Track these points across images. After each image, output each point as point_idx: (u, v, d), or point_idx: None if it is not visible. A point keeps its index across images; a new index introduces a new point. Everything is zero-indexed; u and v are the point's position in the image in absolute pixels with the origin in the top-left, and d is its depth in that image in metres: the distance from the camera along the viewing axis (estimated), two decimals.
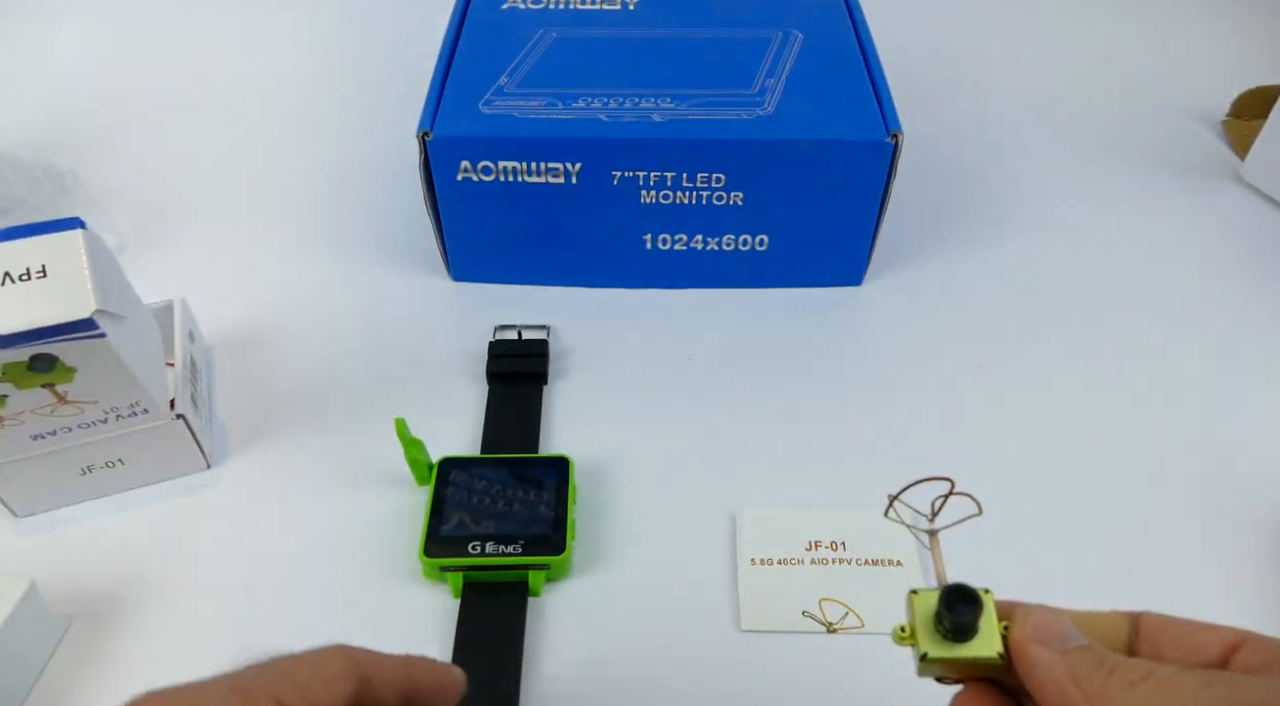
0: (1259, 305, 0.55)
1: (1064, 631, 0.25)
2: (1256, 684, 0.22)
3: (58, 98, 0.71)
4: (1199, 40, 0.77)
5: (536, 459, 0.44)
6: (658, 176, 0.50)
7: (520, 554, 0.40)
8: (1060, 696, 0.24)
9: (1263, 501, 0.45)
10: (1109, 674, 0.23)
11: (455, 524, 0.40)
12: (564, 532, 0.40)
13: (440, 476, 0.43)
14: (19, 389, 0.39)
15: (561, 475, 0.43)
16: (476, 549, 0.40)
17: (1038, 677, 0.25)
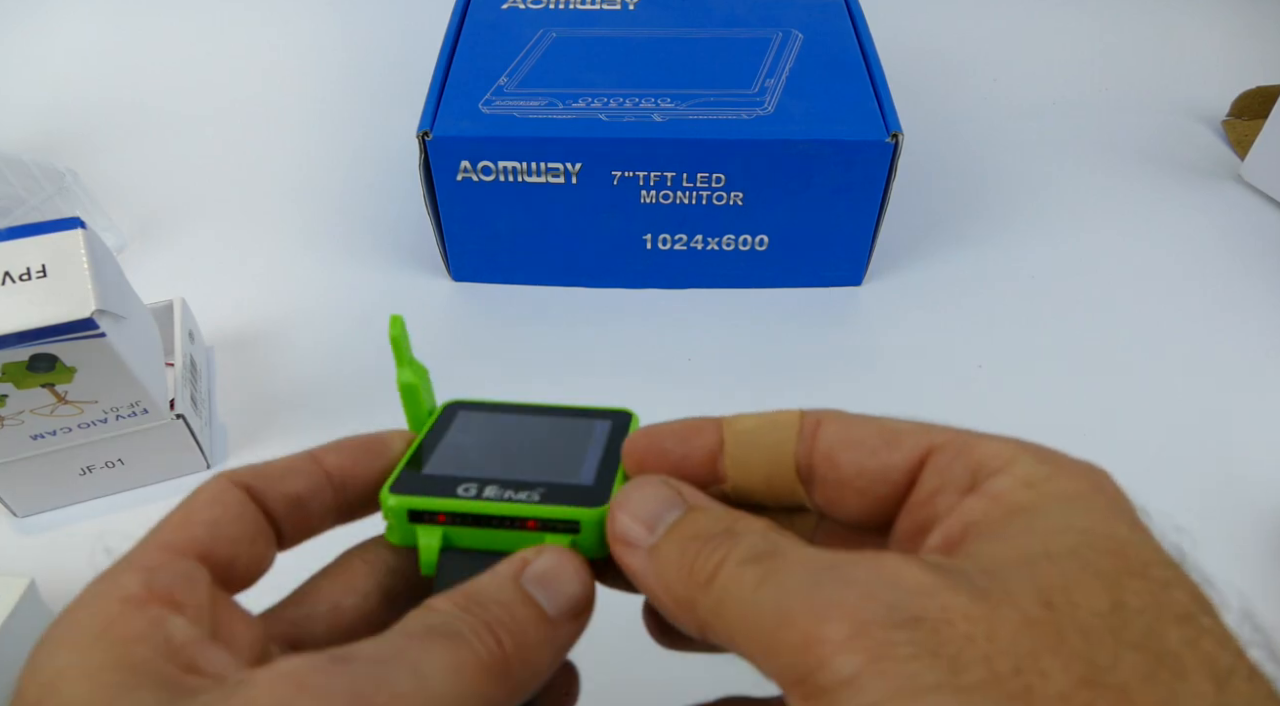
0: (1259, 304, 0.55)
1: (656, 510, 0.21)
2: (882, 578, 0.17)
3: (58, 98, 0.71)
4: (1199, 40, 0.77)
5: (586, 410, 0.28)
6: (658, 176, 0.50)
7: (538, 502, 0.23)
8: (664, 609, 0.20)
9: (1262, 501, 0.45)
10: (699, 579, 0.19)
11: (445, 463, 0.25)
12: (609, 484, 0.24)
13: (441, 419, 0.28)
14: (19, 388, 0.39)
15: (619, 430, 0.27)
16: (469, 490, 0.24)
17: (639, 586, 0.21)
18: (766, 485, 0.23)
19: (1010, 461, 0.19)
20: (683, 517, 0.21)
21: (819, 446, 0.22)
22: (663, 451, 0.23)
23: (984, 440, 0.20)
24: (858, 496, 0.21)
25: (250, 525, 0.22)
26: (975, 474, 0.20)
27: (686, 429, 0.23)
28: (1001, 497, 0.19)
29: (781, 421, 0.23)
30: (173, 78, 0.73)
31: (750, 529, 0.20)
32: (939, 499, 0.20)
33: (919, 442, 0.21)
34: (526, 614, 0.20)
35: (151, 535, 0.21)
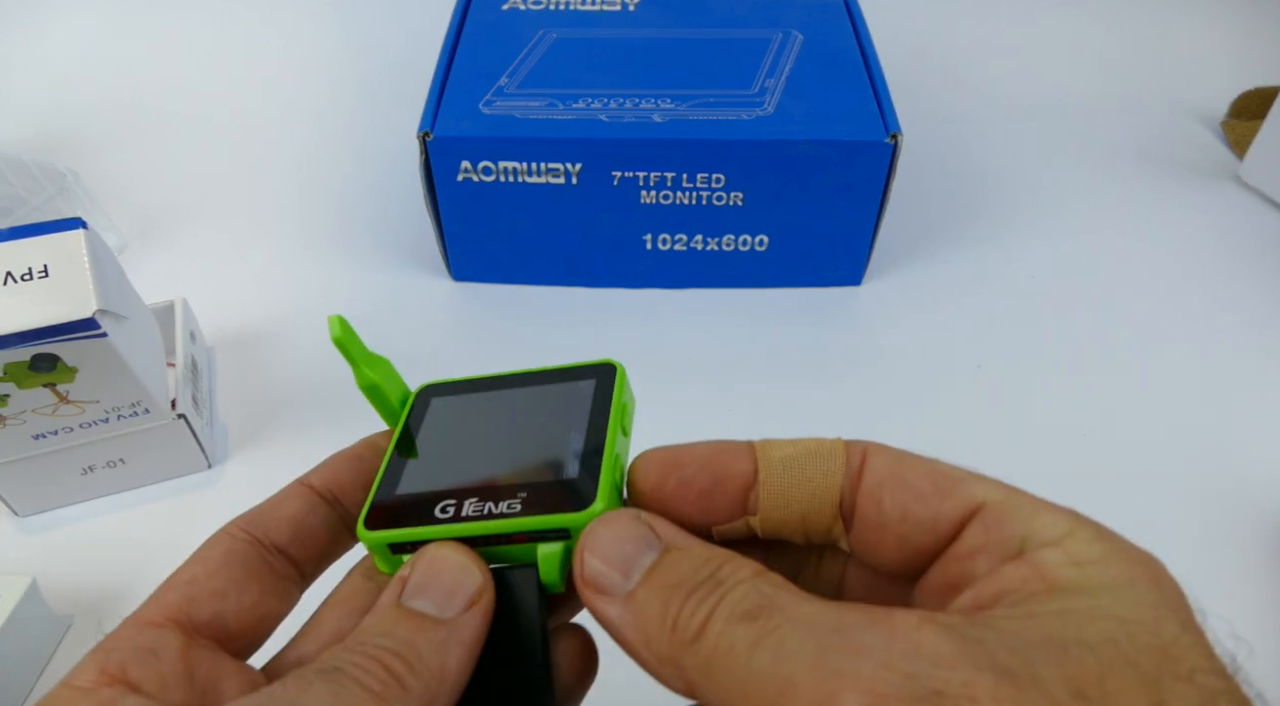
0: (1258, 304, 0.55)
1: (629, 552, 0.19)
2: (876, 648, 0.15)
3: (59, 98, 0.71)
4: (1198, 40, 0.77)
5: (565, 369, 0.26)
6: (658, 177, 0.50)
7: (520, 513, 0.21)
8: (644, 665, 0.18)
9: (1262, 501, 0.45)
10: (684, 637, 0.17)
11: (422, 478, 0.23)
12: (595, 474, 0.22)
13: (414, 414, 0.26)
14: (20, 388, 0.39)
15: (603, 389, 0.25)
16: (448, 511, 0.22)
17: (614, 638, 0.19)
18: (801, 522, 0.21)
19: (1064, 535, 0.18)
20: (660, 560, 0.19)
21: (865, 483, 0.20)
22: (686, 481, 0.21)
23: (1040, 507, 0.19)
24: (897, 543, 0.20)
25: (238, 572, 0.21)
26: (1024, 541, 0.18)
27: (714, 454, 0.21)
28: (1046, 571, 0.17)
29: (826, 451, 0.21)
30: (173, 78, 0.73)
31: (738, 576, 0.18)
32: (979, 558, 0.18)
33: (972, 494, 0.19)
34: (409, 628, 0.19)
35: (134, 612, 0.21)
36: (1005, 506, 0.19)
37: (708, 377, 0.51)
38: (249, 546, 0.22)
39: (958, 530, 0.19)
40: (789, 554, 0.22)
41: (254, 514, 0.23)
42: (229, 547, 0.22)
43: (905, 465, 0.20)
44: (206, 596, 0.21)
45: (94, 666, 0.19)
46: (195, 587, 0.21)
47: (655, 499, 0.21)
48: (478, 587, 0.20)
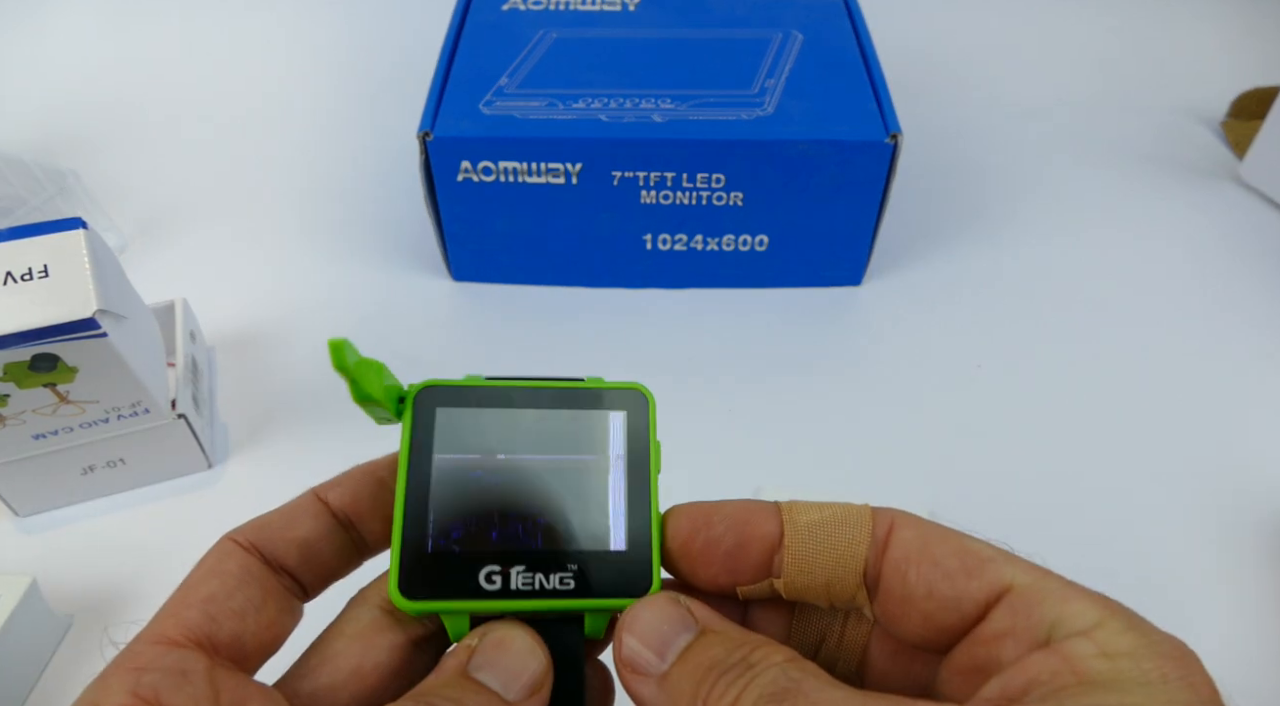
0: (1258, 304, 0.55)
1: (665, 634, 0.20)
2: None
3: (59, 98, 0.71)
4: (1199, 40, 0.77)
5: (589, 392, 0.24)
6: (658, 177, 0.50)
7: (573, 592, 0.22)
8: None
9: (1262, 501, 0.45)
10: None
11: (449, 531, 0.22)
12: (646, 550, 0.22)
13: (418, 425, 0.23)
14: (21, 388, 0.39)
15: (636, 427, 0.24)
16: (494, 582, 0.21)
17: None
18: (825, 588, 0.21)
19: (1094, 625, 0.17)
20: (694, 642, 0.19)
21: (890, 555, 0.20)
22: (713, 539, 0.21)
23: (1070, 592, 0.18)
24: (922, 619, 0.20)
25: (255, 591, 0.21)
26: (1053, 627, 0.18)
27: (740, 514, 0.21)
28: (1075, 662, 0.17)
29: (852, 519, 0.21)
30: (174, 78, 0.73)
31: (769, 660, 0.18)
32: (1006, 643, 0.18)
33: (1000, 576, 0.19)
34: (479, 701, 0.19)
35: (150, 624, 0.21)
36: (1034, 590, 0.18)
37: (708, 378, 0.51)
38: (261, 564, 0.22)
39: (984, 612, 0.19)
40: (815, 616, 0.22)
41: (264, 527, 0.22)
42: (244, 563, 0.21)
43: (933, 540, 0.20)
44: (226, 616, 0.20)
45: (124, 687, 0.19)
46: (215, 607, 0.20)
47: (683, 557, 0.22)
48: (542, 675, 0.21)
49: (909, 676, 0.21)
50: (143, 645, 0.20)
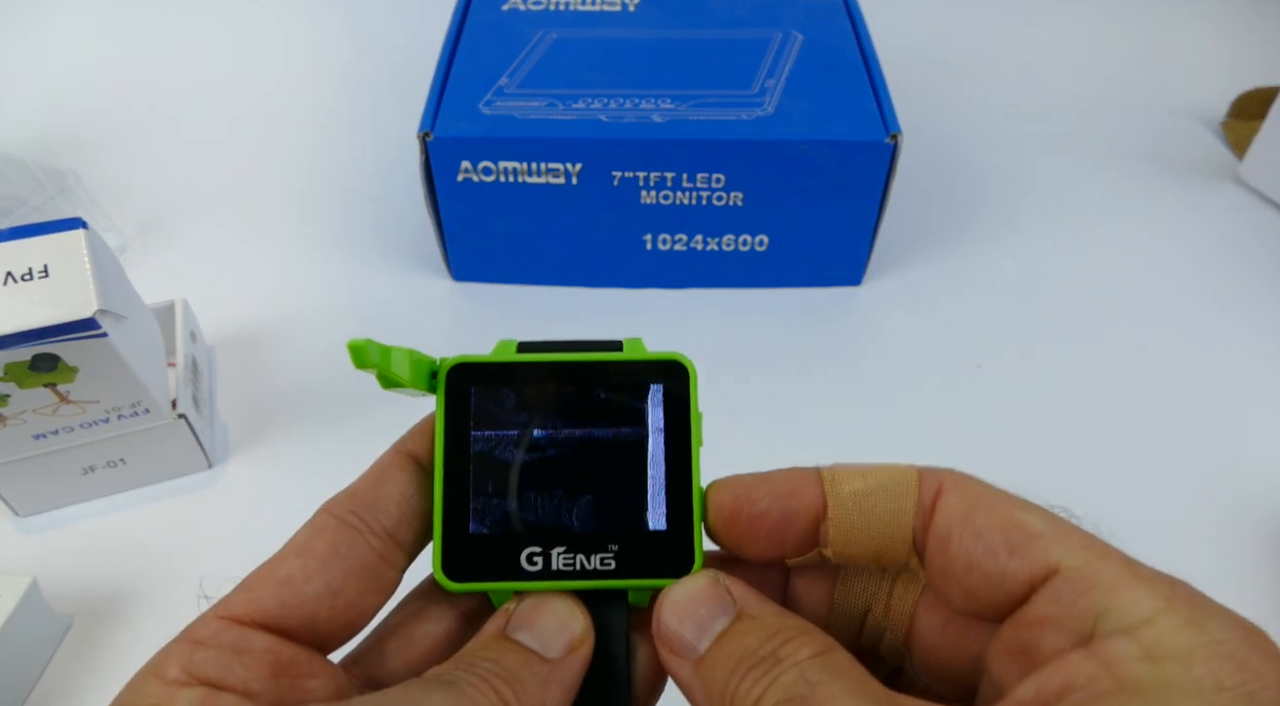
0: (1257, 305, 0.55)
1: (703, 616, 0.19)
2: None
3: (59, 98, 0.71)
4: (1199, 40, 0.77)
5: (626, 364, 0.24)
6: (658, 177, 0.50)
7: (614, 572, 0.22)
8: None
9: (1262, 501, 0.45)
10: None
11: (490, 510, 0.22)
12: (688, 529, 0.22)
13: (452, 404, 0.23)
14: (21, 388, 0.39)
15: (675, 402, 0.24)
16: (536, 563, 0.22)
17: (685, 695, 0.20)
18: (875, 556, 0.21)
19: (1144, 621, 0.16)
20: (730, 628, 0.19)
21: (935, 524, 0.19)
22: (756, 515, 0.21)
23: (1126, 579, 0.17)
24: (964, 593, 0.19)
25: (337, 574, 0.21)
26: (1099, 620, 0.16)
27: (783, 485, 0.21)
28: (1116, 667, 0.15)
29: (897, 487, 0.20)
30: (174, 78, 0.73)
31: (796, 656, 0.18)
32: (1048, 632, 0.17)
33: (1046, 556, 0.18)
34: (517, 659, 0.20)
35: (227, 597, 0.20)
36: (1083, 575, 0.17)
37: (707, 378, 0.51)
38: (355, 534, 0.21)
39: (1028, 592, 0.18)
40: (860, 584, 0.22)
41: (355, 494, 0.22)
42: (333, 539, 0.21)
43: (980, 509, 0.19)
44: (300, 601, 0.20)
45: (178, 661, 0.19)
46: (290, 590, 0.20)
47: (727, 534, 0.22)
48: (581, 633, 0.21)
49: (959, 648, 0.20)
50: (209, 619, 0.20)
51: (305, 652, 0.20)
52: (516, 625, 0.21)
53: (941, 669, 0.21)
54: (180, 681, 0.19)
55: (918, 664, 0.21)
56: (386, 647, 0.22)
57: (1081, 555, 0.17)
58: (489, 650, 0.20)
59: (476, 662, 0.19)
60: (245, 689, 0.19)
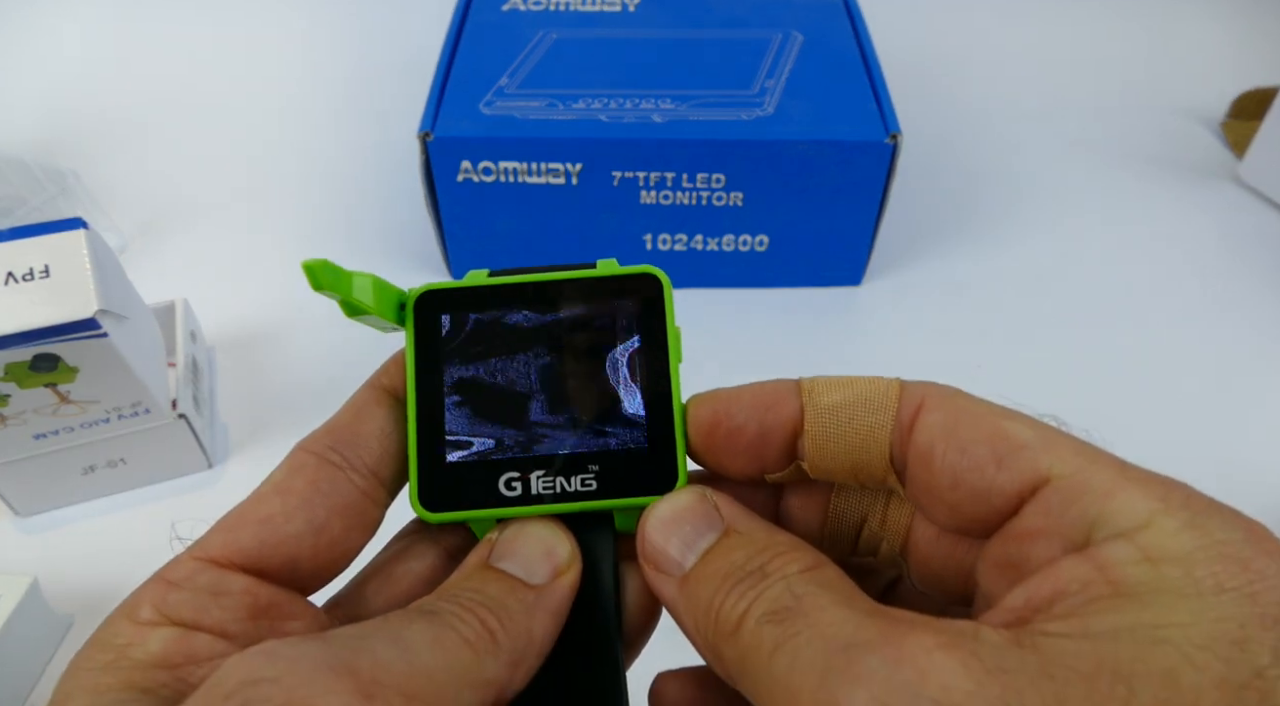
0: (1257, 304, 0.55)
1: (688, 533, 0.19)
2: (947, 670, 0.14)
3: (59, 98, 0.71)
4: (1199, 40, 0.77)
5: (597, 280, 0.23)
6: (658, 177, 0.51)
7: (595, 493, 0.21)
8: (695, 647, 0.18)
9: (1261, 501, 0.45)
10: (724, 630, 0.17)
11: (467, 438, 0.22)
12: (670, 445, 0.21)
13: (422, 333, 0.23)
14: (21, 388, 0.39)
15: (651, 314, 0.22)
16: (515, 488, 0.21)
17: (671, 614, 0.19)
18: (852, 473, 0.20)
19: (1142, 523, 0.15)
20: (716, 544, 0.18)
21: (917, 438, 0.18)
22: (734, 429, 0.20)
23: (1121, 483, 0.16)
24: (948, 510, 0.18)
25: (319, 511, 0.20)
26: (1093, 527, 0.15)
27: (760, 398, 0.20)
28: (1111, 571, 0.15)
29: (875, 399, 0.19)
30: (174, 79, 0.73)
31: (783, 570, 0.17)
32: (1038, 543, 0.16)
33: (1035, 466, 0.17)
34: (500, 587, 0.19)
35: (203, 538, 0.20)
36: (1075, 482, 0.16)
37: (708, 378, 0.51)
38: (335, 470, 0.20)
39: (1016, 505, 0.17)
40: (855, 495, 0.21)
41: (334, 429, 0.21)
42: (313, 476, 0.20)
43: (963, 423, 0.18)
44: (280, 541, 0.19)
45: (151, 601, 0.19)
46: (270, 529, 0.19)
47: (707, 449, 0.21)
48: (566, 558, 0.20)
49: (952, 561, 0.20)
50: (185, 559, 0.19)
51: (285, 594, 0.19)
52: (499, 554, 0.20)
53: (938, 579, 0.20)
54: (153, 622, 0.18)
55: (915, 574, 0.21)
56: (368, 588, 0.21)
57: (1074, 462, 0.16)
58: (472, 580, 0.19)
59: (460, 593, 0.19)
60: (222, 630, 0.18)
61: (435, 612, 0.18)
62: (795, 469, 0.20)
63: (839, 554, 0.21)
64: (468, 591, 0.19)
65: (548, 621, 0.19)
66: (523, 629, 0.19)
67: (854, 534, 0.21)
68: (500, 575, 0.19)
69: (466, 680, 0.17)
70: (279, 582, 0.19)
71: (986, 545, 0.18)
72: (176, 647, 0.18)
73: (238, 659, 0.16)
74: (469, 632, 0.18)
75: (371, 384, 0.22)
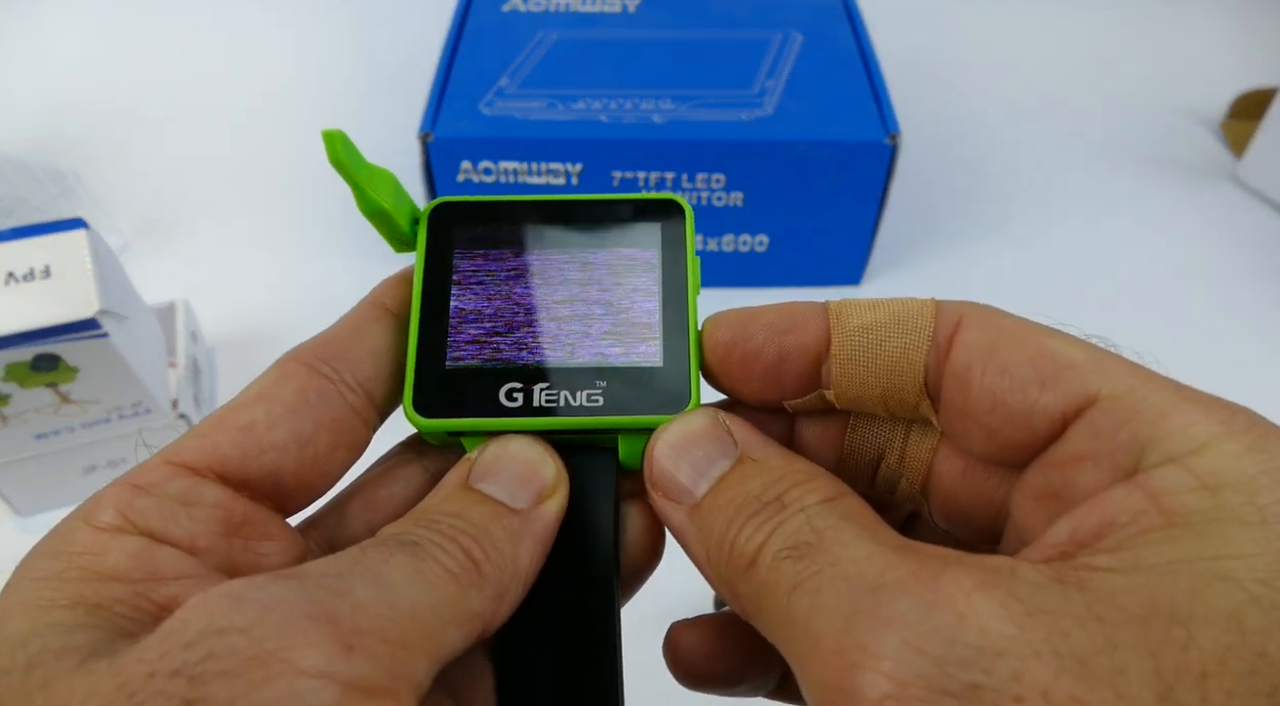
0: (1256, 304, 0.55)
1: (700, 458, 0.17)
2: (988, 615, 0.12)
3: (60, 98, 0.71)
4: (1199, 40, 0.77)
5: (618, 202, 0.22)
6: (658, 177, 0.51)
7: (602, 409, 0.20)
8: (707, 578, 0.17)
9: None
10: (739, 564, 0.15)
11: (469, 345, 0.21)
12: (684, 364, 0.20)
13: (434, 240, 0.22)
14: (22, 388, 0.39)
15: (672, 238, 0.22)
16: (515, 398, 0.20)
17: (681, 546, 0.18)
18: (882, 400, 0.18)
19: (1199, 447, 0.14)
20: (731, 471, 0.17)
21: (954, 358, 0.17)
22: (753, 351, 0.19)
23: (1176, 404, 0.15)
24: (985, 435, 0.17)
25: (306, 422, 0.18)
26: (1144, 451, 0.14)
27: (783, 319, 0.19)
28: (1164, 499, 0.13)
29: (909, 319, 0.18)
30: (175, 79, 0.73)
31: (803, 500, 0.16)
32: (1084, 469, 0.15)
33: (1084, 386, 0.15)
34: (483, 512, 0.18)
35: (175, 442, 0.18)
36: (1126, 402, 0.15)
37: None
38: (326, 383, 0.19)
39: (1060, 429, 0.15)
40: (872, 428, 0.20)
41: (329, 342, 0.20)
42: (302, 385, 0.18)
43: (1005, 343, 0.17)
44: (263, 449, 0.18)
45: (115, 505, 0.17)
46: (252, 437, 0.18)
47: (723, 372, 0.19)
48: (552, 480, 0.19)
49: (981, 497, 0.18)
50: (156, 464, 0.18)
51: (262, 512, 0.18)
52: (480, 474, 0.18)
53: (963, 516, 0.19)
54: (115, 527, 0.16)
55: (936, 511, 0.20)
56: (349, 509, 0.20)
57: (1126, 382, 0.15)
58: (451, 503, 0.18)
59: (440, 518, 0.17)
60: (191, 544, 0.16)
61: (416, 543, 0.16)
62: (818, 396, 0.19)
63: (856, 488, 0.19)
64: (449, 517, 0.17)
65: (534, 548, 0.18)
66: (508, 558, 0.17)
67: (871, 470, 0.20)
68: (482, 498, 0.18)
69: (451, 616, 0.16)
70: (256, 498, 0.18)
71: (1024, 475, 0.16)
72: (138, 560, 0.16)
73: (200, 600, 0.14)
74: (452, 564, 0.16)
75: (371, 301, 0.21)
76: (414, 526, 0.17)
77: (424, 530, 0.17)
